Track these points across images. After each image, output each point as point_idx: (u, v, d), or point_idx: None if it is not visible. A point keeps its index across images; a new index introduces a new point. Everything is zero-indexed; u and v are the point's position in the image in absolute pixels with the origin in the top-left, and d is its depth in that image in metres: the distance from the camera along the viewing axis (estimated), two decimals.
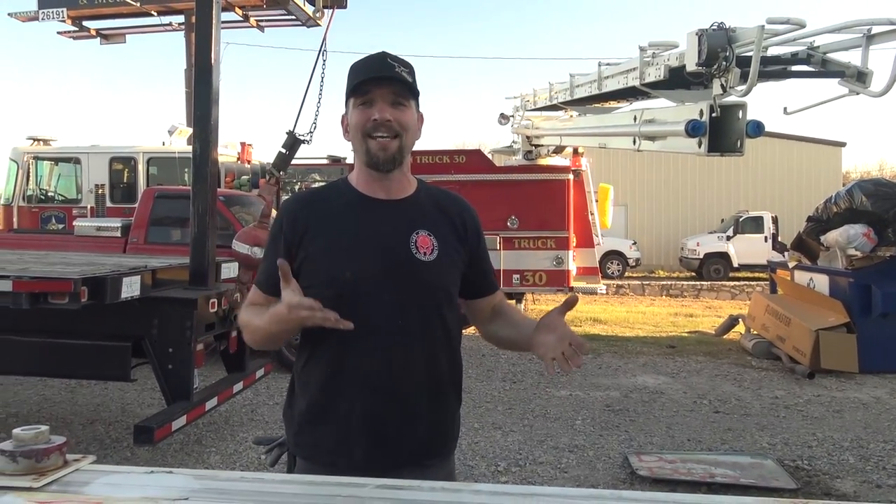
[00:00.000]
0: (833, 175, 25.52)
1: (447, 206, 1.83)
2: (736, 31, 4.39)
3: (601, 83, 6.85)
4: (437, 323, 1.73)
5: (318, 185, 11.50)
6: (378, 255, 1.68)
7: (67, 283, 3.71)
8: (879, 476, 4.70)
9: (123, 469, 1.45)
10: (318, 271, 1.69)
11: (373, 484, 1.36)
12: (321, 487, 1.35)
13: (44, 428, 1.36)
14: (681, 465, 4.77)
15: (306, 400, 1.73)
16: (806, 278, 8.97)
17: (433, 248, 1.71)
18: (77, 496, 1.27)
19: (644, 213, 25.14)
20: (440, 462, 1.80)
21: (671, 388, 7.14)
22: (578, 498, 1.31)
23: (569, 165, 10.68)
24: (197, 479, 1.38)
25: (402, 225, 1.72)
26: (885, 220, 7.85)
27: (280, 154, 5.09)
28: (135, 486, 1.35)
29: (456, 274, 1.79)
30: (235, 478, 1.43)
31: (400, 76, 1.67)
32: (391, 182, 1.74)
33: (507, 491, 1.34)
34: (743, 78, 4.27)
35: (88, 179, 11.13)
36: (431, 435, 1.74)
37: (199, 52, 4.78)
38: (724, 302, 16.03)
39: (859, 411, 6.32)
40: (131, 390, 6.73)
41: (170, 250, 7.30)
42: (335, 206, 1.75)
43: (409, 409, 1.68)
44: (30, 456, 1.33)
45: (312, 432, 1.72)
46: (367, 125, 1.67)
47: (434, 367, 1.72)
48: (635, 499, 1.33)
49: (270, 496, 1.32)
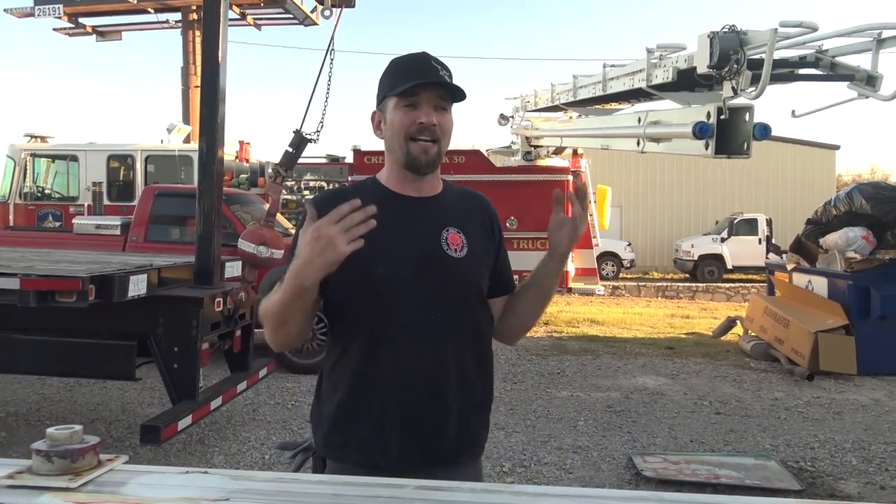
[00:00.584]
0: (827, 178, 25.69)
1: (474, 205, 1.85)
2: (748, 34, 4.40)
3: (606, 84, 6.86)
4: (469, 320, 1.73)
5: (314, 184, 11.50)
6: (410, 252, 1.68)
7: (75, 281, 3.69)
8: (882, 478, 4.72)
9: (158, 469, 1.44)
10: (351, 268, 1.67)
11: (412, 485, 1.35)
12: (361, 488, 1.35)
13: (78, 427, 1.35)
14: (685, 467, 4.78)
15: (337, 400, 1.72)
16: (804, 280, 9.01)
17: (463, 244, 1.72)
18: (115, 496, 1.26)
19: (638, 215, 25.21)
20: (471, 461, 1.80)
21: (671, 390, 7.16)
22: (618, 499, 1.31)
23: (568, 167, 10.69)
24: (234, 480, 1.36)
25: (433, 222, 1.72)
26: (885, 223, 7.89)
27: (287, 153, 5.07)
28: (172, 487, 1.33)
29: (485, 271, 1.79)
30: (273, 478, 1.42)
31: (447, 81, 1.67)
32: (423, 182, 1.75)
33: (547, 492, 1.34)
34: (754, 80, 4.29)
35: (86, 177, 11.08)
36: (463, 433, 1.73)
37: (205, 49, 4.76)
38: (719, 304, 16.09)
39: (859, 413, 6.35)
40: (131, 389, 6.70)
41: (170, 249, 7.29)
42: (365, 204, 1.75)
43: (443, 407, 1.68)
44: (65, 456, 1.32)
45: (344, 432, 1.70)
46: (411, 128, 1.66)
47: (466, 364, 1.72)
48: (677, 500, 1.33)
49: (311, 497, 1.31)
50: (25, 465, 1.33)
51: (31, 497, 1.23)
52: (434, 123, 1.65)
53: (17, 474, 1.29)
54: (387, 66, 1.74)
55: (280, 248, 4.95)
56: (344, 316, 1.71)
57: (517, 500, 1.32)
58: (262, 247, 4.74)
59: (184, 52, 19.02)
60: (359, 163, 10.94)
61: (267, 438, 5.35)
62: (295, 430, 5.56)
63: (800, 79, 4.92)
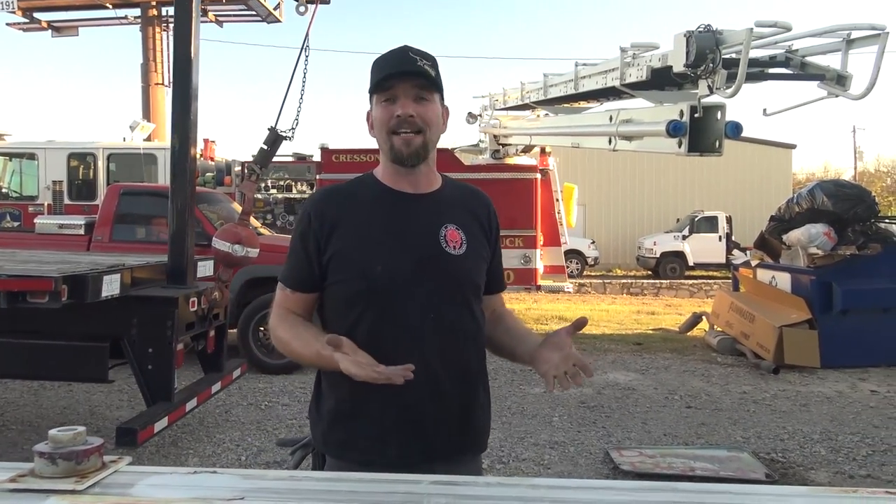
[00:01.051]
0: (783, 176, 26.31)
1: (473, 201, 1.85)
2: (723, 34, 4.48)
3: (578, 83, 6.92)
4: (468, 316, 1.73)
5: (283, 183, 11.38)
6: (409, 249, 1.67)
7: (48, 281, 3.60)
8: (851, 467, 4.85)
9: (165, 470, 1.41)
10: (350, 266, 1.67)
11: (427, 480, 1.35)
12: (376, 485, 1.34)
13: (81, 429, 1.32)
14: (661, 460, 4.85)
15: (336, 397, 1.71)
16: (768, 276, 9.20)
17: (462, 242, 1.72)
18: (125, 498, 1.23)
19: (602, 213, 25.52)
20: (472, 458, 1.80)
21: (642, 385, 7.25)
22: (635, 490, 1.32)
23: (536, 165, 10.75)
24: (245, 479, 1.34)
25: (432, 219, 1.72)
26: (845, 219, 8.11)
27: (262, 150, 5.01)
28: (183, 487, 1.31)
29: (483, 268, 1.80)
30: (284, 477, 1.40)
31: (422, 70, 1.65)
32: (418, 176, 1.73)
33: (564, 485, 1.34)
34: (729, 79, 4.37)
35: (45, 176, 10.80)
36: (465, 429, 1.74)
37: (177, 46, 4.67)
38: (683, 300, 16.35)
39: (824, 405, 6.51)
40: (98, 392, 6.56)
41: (136, 248, 7.15)
42: (363, 201, 1.74)
43: (444, 404, 1.68)
44: (70, 458, 1.29)
45: (344, 430, 1.70)
46: (390, 122, 1.65)
47: (465, 360, 1.73)
48: (689, 490, 1.34)
49: (325, 494, 1.30)
50: (27, 468, 1.30)
51: (37, 500, 1.20)
52: (411, 115, 1.64)
53: (19, 477, 1.26)
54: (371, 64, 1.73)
55: (255, 246, 4.89)
56: (342, 314, 1.70)
57: (534, 493, 1.32)
58: (237, 245, 4.67)
59: (143, 48, 18.68)
60: (327, 161, 10.86)
61: (242, 440, 5.29)
62: (269, 431, 5.49)
63: (771, 78, 5.03)
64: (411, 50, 1.69)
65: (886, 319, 8.05)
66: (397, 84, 1.65)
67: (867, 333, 7.97)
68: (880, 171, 40.56)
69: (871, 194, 8.60)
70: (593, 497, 1.25)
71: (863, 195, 8.42)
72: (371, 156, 10.75)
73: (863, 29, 4.41)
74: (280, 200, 11.32)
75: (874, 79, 4.34)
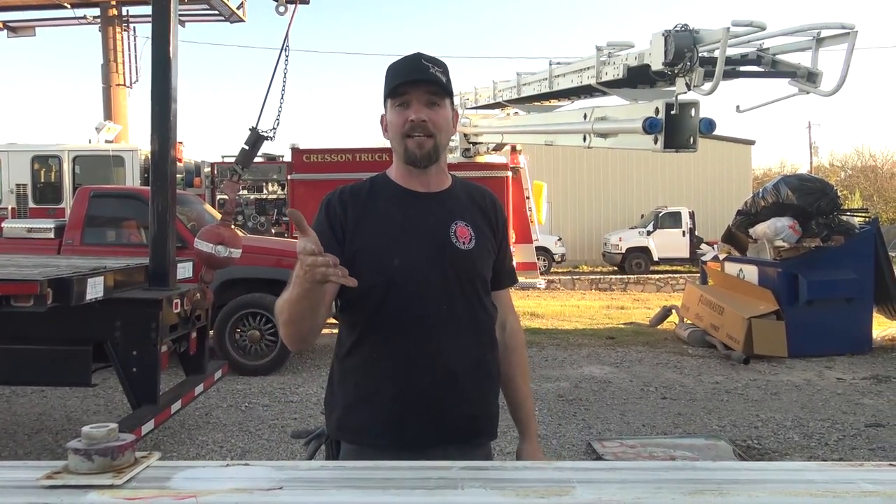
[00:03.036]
0: (743, 172, 26.85)
1: (480, 199, 1.93)
2: (700, 32, 4.60)
3: (552, 81, 7.01)
4: (479, 307, 1.81)
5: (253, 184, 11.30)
6: (423, 244, 1.75)
7: (33, 284, 3.55)
8: (824, 452, 5.02)
9: (196, 464, 1.43)
10: (368, 260, 1.73)
11: (457, 466, 1.39)
12: (409, 471, 1.37)
13: (113, 425, 1.34)
14: (642, 450, 4.96)
15: (352, 385, 1.77)
16: (736, 269, 9.42)
17: (471, 237, 1.80)
18: (166, 491, 1.26)
19: (567, 210, 25.75)
20: (485, 442, 1.88)
21: (617, 378, 7.38)
22: (669, 469, 1.38)
23: (507, 163, 10.84)
24: (279, 470, 1.37)
25: (443, 216, 1.80)
26: (810, 212, 8.34)
27: (243, 150, 4.99)
28: (219, 479, 1.33)
29: (490, 262, 1.87)
30: (316, 467, 1.44)
31: (434, 77, 1.73)
32: (429, 177, 1.81)
33: (590, 466, 1.40)
34: (707, 77, 4.49)
35: (8, 179, 10.56)
36: (478, 414, 1.81)
37: (156, 46, 4.63)
38: (650, 294, 16.62)
39: (794, 393, 6.70)
40: (73, 397, 6.47)
41: (108, 251, 7.06)
42: (378, 199, 1.81)
43: (458, 389, 1.75)
44: (105, 454, 1.30)
45: (359, 416, 1.76)
46: (404, 126, 1.73)
47: (477, 349, 1.80)
48: (708, 468, 1.41)
49: (361, 481, 1.33)
50: (60, 465, 1.31)
51: (76, 496, 1.21)
52: (424, 119, 1.72)
53: (54, 474, 1.27)
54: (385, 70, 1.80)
55: (238, 247, 4.87)
56: (359, 306, 1.75)
57: (561, 475, 1.37)
58: (220, 246, 4.65)
59: (104, 49, 18.33)
60: (297, 161, 10.82)
61: (225, 441, 5.27)
62: (252, 432, 5.48)
63: (744, 75, 5.17)
64: (424, 57, 1.76)
65: (850, 309, 8.32)
66: (411, 90, 1.73)
67: (832, 323, 8.22)
68: (834, 166, 41.66)
69: (833, 188, 8.85)
70: (623, 477, 1.30)
71: (826, 189, 8.67)
72: (342, 156, 10.76)
73: (833, 28, 4.57)
74: (251, 201, 11.24)
75: (844, 75, 4.50)
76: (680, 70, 4.62)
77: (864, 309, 8.48)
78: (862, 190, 35.62)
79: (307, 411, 6.07)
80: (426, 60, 1.75)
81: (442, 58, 1.80)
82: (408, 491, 1.27)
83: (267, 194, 11.32)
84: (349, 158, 10.60)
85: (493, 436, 1.91)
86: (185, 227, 7.43)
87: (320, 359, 8.13)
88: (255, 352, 7.37)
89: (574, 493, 1.22)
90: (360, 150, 10.79)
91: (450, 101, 1.80)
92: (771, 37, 4.84)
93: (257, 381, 7.07)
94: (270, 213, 11.20)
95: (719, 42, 4.34)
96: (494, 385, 1.87)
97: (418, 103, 1.72)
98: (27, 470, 1.29)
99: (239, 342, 7.36)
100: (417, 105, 1.72)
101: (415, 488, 1.30)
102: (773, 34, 4.80)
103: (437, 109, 1.74)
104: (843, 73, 4.49)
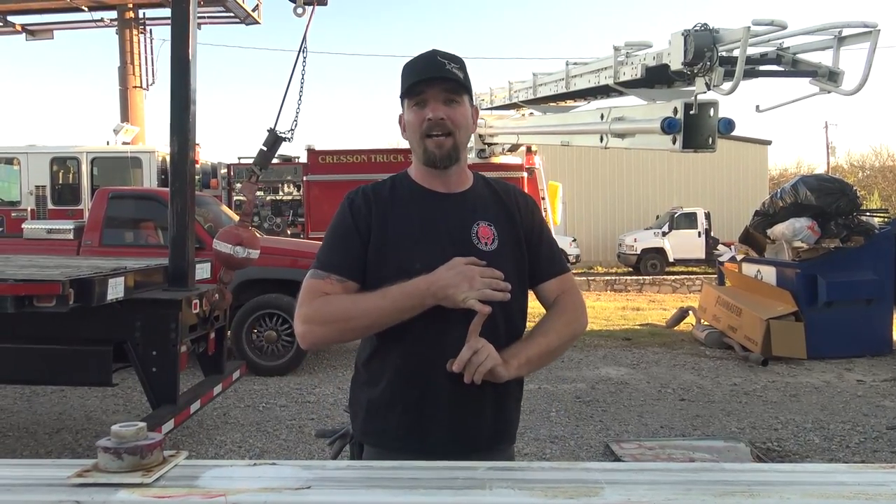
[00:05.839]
0: (759, 172, 26.66)
1: (503, 196, 1.86)
2: (720, 32, 4.57)
3: (569, 82, 6.99)
4: (500, 311, 1.76)
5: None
6: (444, 246, 1.70)
7: (56, 285, 3.59)
8: (845, 454, 4.97)
9: (224, 463, 1.44)
10: (389, 263, 1.71)
11: (484, 466, 1.39)
12: (436, 472, 1.37)
13: (142, 424, 1.34)
14: (661, 451, 4.93)
15: (376, 389, 1.75)
16: (753, 270, 9.35)
17: (494, 237, 1.75)
18: (195, 490, 1.26)
19: (582, 211, 25.67)
20: (507, 447, 1.86)
21: (634, 379, 7.35)
22: (691, 471, 1.37)
23: (523, 163, 10.83)
24: (306, 470, 1.37)
25: (464, 217, 1.76)
26: (828, 213, 8.27)
27: (261, 152, 5.01)
28: (248, 479, 1.33)
29: (518, 260, 1.80)
30: (343, 466, 1.44)
31: (451, 73, 1.69)
32: (449, 177, 1.78)
33: (617, 468, 1.39)
34: (727, 76, 4.46)
35: (28, 180, 10.68)
36: (500, 420, 1.78)
37: (175, 48, 4.66)
38: (666, 296, 16.52)
39: (813, 395, 6.65)
40: (92, 397, 6.53)
41: (126, 252, 7.11)
42: (398, 200, 1.78)
43: (480, 396, 1.71)
44: (135, 452, 1.31)
45: (383, 419, 1.73)
46: (422, 126, 1.70)
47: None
48: (739, 470, 1.40)
49: (388, 481, 1.33)
50: (90, 464, 1.32)
51: (106, 494, 1.22)
52: (442, 117, 1.68)
53: (84, 473, 1.28)
54: (401, 69, 1.77)
55: (256, 248, 4.89)
56: None
57: (588, 476, 1.36)
58: (238, 247, 4.67)
59: (121, 51, 18.49)
60: (313, 162, 10.87)
61: (243, 441, 5.29)
62: (270, 432, 5.50)
63: (763, 75, 5.13)
64: (439, 54, 1.73)
65: (870, 310, 8.23)
66: (427, 89, 1.69)
67: (851, 324, 8.14)
68: (853, 166, 41.24)
69: (852, 188, 8.77)
70: (651, 478, 1.30)
71: (844, 189, 8.59)
72: (357, 157, 10.80)
73: (855, 27, 4.52)
74: (267, 202, 11.29)
75: (866, 75, 4.46)
76: (699, 70, 4.59)
77: (884, 310, 8.38)
78: (881, 190, 35.26)
79: (324, 412, 6.09)
80: (442, 57, 1.71)
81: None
82: (435, 491, 1.27)
83: (283, 195, 11.37)
84: (364, 159, 10.64)
85: (513, 440, 1.90)
86: (203, 228, 7.47)
87: (336, 359, 8.16)
88: (271, 352, 7.40)
89: (603, 494, 1.21)
90: (375, 151, 10.84)
91: (468, 97, 1.75)
92: (792, 36, 4.80)
93: (274, 382, 7.11)
94: (286, 214, 11.25)
95: (739, 41, 4.31)
96: (517, 391, 1.86)
97: (436, 101, 1.68)
98: (56, 468, 1.30)
99: (256, 343, 7.39)
100: (435, 103, 1.68)
101: (442, 488, 1.30)
102: (793, 33, 4.77)
103: (455, 107, 1.70)
104: (865, 73, 4.45)
